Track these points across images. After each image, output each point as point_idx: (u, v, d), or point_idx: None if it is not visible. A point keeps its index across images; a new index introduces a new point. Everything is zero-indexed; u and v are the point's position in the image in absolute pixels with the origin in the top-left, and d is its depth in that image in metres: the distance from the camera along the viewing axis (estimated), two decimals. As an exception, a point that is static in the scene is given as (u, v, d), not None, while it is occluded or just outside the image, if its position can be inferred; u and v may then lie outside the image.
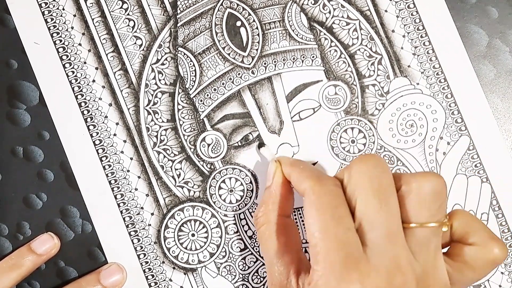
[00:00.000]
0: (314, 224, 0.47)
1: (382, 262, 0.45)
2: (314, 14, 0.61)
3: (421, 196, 0.47)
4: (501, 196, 0.60)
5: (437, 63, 0.60)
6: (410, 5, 0.60)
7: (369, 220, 0.46)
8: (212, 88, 0.60)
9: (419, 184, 0.47)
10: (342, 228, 0.46)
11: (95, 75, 0.61)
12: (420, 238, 0.47)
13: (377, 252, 0.46)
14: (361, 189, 0.47)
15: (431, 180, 0.47)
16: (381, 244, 0.46)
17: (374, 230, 0.46)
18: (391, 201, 0.46)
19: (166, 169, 0.61)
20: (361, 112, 0.60)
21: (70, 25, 0.61)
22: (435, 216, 0.47)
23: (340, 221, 0.46)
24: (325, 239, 0.46)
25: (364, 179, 0.47)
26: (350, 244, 0.46)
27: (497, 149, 0.60)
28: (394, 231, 0.46)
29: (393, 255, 0.45)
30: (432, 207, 0.47)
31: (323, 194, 0.48)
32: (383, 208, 0.46)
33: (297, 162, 0.54)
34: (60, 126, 0.60)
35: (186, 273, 0.61)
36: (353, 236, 0.46)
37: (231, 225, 0.60)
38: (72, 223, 0.61)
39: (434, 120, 0.60)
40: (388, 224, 0.46)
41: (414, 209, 0.47)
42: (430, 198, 0.47)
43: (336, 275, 0.45)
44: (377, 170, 0.47)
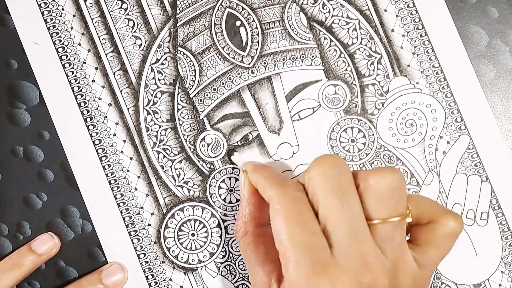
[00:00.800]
0: (281, 232, 0.47)
1: (350, 262, 0.45)
2: (313, 14, 0.61)
3: (379, 193, 0.47)
4: (501, 195, 0.60)
5: (437, 62, 0.60)
6: (410, 5, 0.60)
7: (332, 221, 0.47)
8: (212, 87, 0.60)
9: (376, 181, 0.47)
10: (307, 233, 0.46)
11: (94, 75, 0.61)
12: (385, 234, 0.47)
13: (343, 252, 0.46)
14: (321, 190, 0.47)
15: (387, 176, 0.47)
16: (346, 243, 0.46)
17: (338, 230, 0.46)
18: (351, 200, 0.47)
19: (166, 169, 0.61)
20: (361, 112, 0.60)
21: (70, 25, 0.61)
22: (396, 211, 0.47)
23: (304, 227, 0.47)
24: (292, 247, 0.46)
25: (322, 180, 0.47)
26: (317, 249, 0.46)
27: (497, 148, 0.60)
28: (357, 229, 0.46)
29: (359, 253, 0.46)
30: (390, 202, 0.47)
31: (286, 202, 0.48)
32: (344, 207, 0.46)
33: (261, 169, 0.55)
34: (60, 126, 0.60)
35: (186, 273, 0.61)
36: (319, 239, 0.46)
37: (231, 225, 0.60)
38: (72, 223, 0.61)
39: (433, 119, 0.60)
40: (351, 222, 0.46)
41: (374, 206, 0.47)
42: (388, 194, 0.47)
43: (305, 282, 0.45)
44: (335, 169, 0.48)
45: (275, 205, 0.49)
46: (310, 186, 0.48)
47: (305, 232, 0.46)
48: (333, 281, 0.45)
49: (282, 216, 0.48)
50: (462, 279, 0.60)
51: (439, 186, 0.60)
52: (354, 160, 0.60)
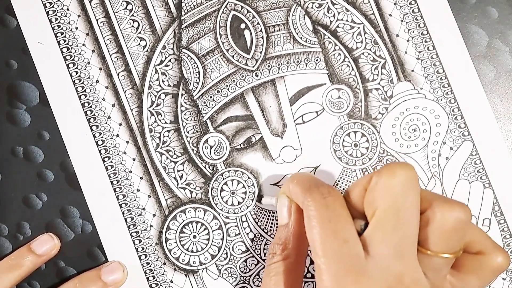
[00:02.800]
0: (313, 240, 0.47)
1: (385, 276, 0.45)
2: (318, 18, 0.61)
3: (443, 229, 0.46)
4: (503, 202, 0.60)
5: (441, 68, 0.60)
6: (415, 10, 0.60)
7: (381, 234, 0.46)
8: (216, 90, 0.60)
9: (444, 215, 0.46)
10: (339, 242, 0.46)
11: (98, 76, 0.61)
12: (433, 265, 0.47)
13: (381, 265, 0.45)
14: (383, 202, 0.46)
15: (457, 213, 0.46)
16: (386, 258, 0.45)
17: (384, 244, 0.45)
18: (410, 223, 0.45)
19: (168, 171, 0.60)
20: (364, 116, 0.60)
21: (75, 25, 0.61)
22: (453, 249, 0.47)
23: (335, 234, 0.46)
24: (324, 255, 0.46)
25: (388, 193, 0.46)
26: (350, 257, 0.45)
27: (500, 155, 0.60)
28: (404, 249, 0.45)
29: (397, 271, 0.45)
30: (452, 241, 0.46)
31: (317, 208, 0.47)
32: (399, 228, 0.45)
33: (293, 176, 0.54)
34: (63, 126, 0.60)
35: (187, 275, 0.60)
36: (352, 247, 0.46)
37: (232, 227, 0.60)
38: (72, 223, 0.61)
39: (437, 125, 0.60)
40: (400, 242, 0.45)
41: (433, 238, 0.46)
42: (452, 232, 0.46)
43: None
44: (406, 186, 0.46)
45: (307, 210, 0.48)
46: (374, 192, 0.47)
47: (337, 240, 0.46)
48: None
49: (313, 223, 0.47)
50: (463, 285, 0.60)
51: (441, 192, 0.60)
52: (357, 165, 0.60)
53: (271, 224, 0.60)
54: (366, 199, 0.48)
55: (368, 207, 0.47)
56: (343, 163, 0.60)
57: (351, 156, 0.60)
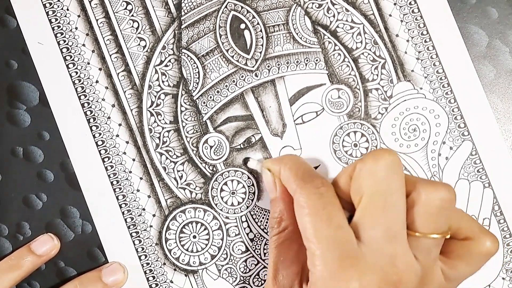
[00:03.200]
0: (306, 228, 0.47)
1: (379, 260, 0.45)
2: (318, 18, 0.61)
3: (429, 209, 0.46)
4: (503, 202, 0.60)
5: (441, 68, 0.60)
6: (415, 10, 0.60)
7: (370, 218, 0.46)
8: (215, 90, 0.60)
9: (429, 196, 0.46)
10: (333, 228, 0.46)
11: (98, 76, 0.61)
12: (422, 246, 0.47)
13: (373, 249, 0.46)
14: (368, 188, 0.47)
15: (441, 192, 0.46)
16: (378, 242, 0.46)
17: (374, 228, 0.46)
18: (397, 205, 0.46)
19: (168, 171, 0.60)
20: (364, 116, 0.60)
21: (74, 25, 0.61)
22: (440, 229, 0.47)
23: (329, 221, 0.47)
24: (317, 242, 0.46)
25: (373, 178, 0.47)
26: (343, 243, 0.46)
27: (499, 155, 0.60)
28: (394, 232, 0.46)
29: (389, 254, 0.46)
30: (438, 220, 0.47)
31: (309, 196, 0.48)
32: (387, 210, 0.46)
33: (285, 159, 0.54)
34: (63, 126, 0.60)
35: (187, 275, 0.61)
36: (345, 233, 0.46)
37: (232, 228, 0.60)
38: (72, 223, 0.61)
39: (437, 125, 0.60)
40: (389, 225, 0.46)
41: (420, 219, 0.47)
42: (438, 212, 0.46)
43: (333, 275, 0.45)
44: (390, 170, 0.46)
45: (298, 199, 0.49)
46: (358, 179, 0.47)
47: (331, 227, 0.46)
48: (360, 275, 0.45)
49: (305, 211, 0.48)
50: (464, 285, 0.60)
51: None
52: (357, 165, 0.60)
53: (271, 224, 0.60)
54: (352, 187, 0.48)
55: (355, 194, 0.48)
56: (343, 163, 0.60)
57: (351, 156, 0.60)
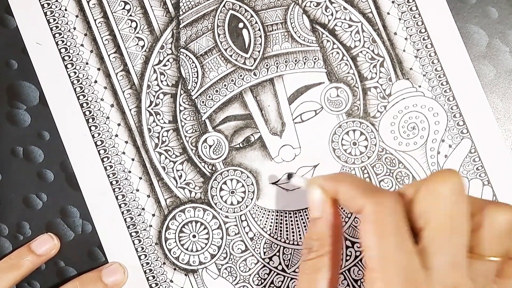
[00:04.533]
0: (373, 248, 0.44)
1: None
2: (316, 16, 0.61)
3: (493, 233, 0.45)
4: (502, 199, 0.60)
5: (439, 66, 0.60)
6: (413, 8, 0.60)
7: (437, 245, 0.44)
8: (214, 89, 0.60)
9: (494, 219, 0.44)
10: (403, 253, 0.43)
11: (97, 76, 0.61)
12: (481, 269, 0.45)
13: (439, 278, 0.43)
14: (436, 212, 0.44)
15: (506, 216, 0.45)
16: (445, 271, 0.43)
17: (440, 256, 0.43)
18: (463, 229, 0.44)
19: (167, 170, 0.61)
20: (363, 114, 0.60)
21: (73, 25, 0.61)
22: (502, 252, 0.45)
23: (401, 246, 0.44)
24: (385, 265, 0.43)
25: (441, 202, 0.44)
26: (412, 270, 0.43)
27: (498, 152, 0.60)
28: (460, 259, 0.44)
29: (454, 284, 0.43)
30: (503, 243, 0.45)
31: (384, 215, 0.44)
32: (454, 236, 0.44)
33: (341, 176, 0.51)
34: (62, 126, 0.60)
35: (187, 274, 0.61)
36: (414, 260, 0.44)
37: (232, 227, 0.60)
38: (72, 223, 0.61)
39: (435, 122, 0.60)
40: (456, 251, 0.44)
41: (484, 243, 0.45)
42: (502, 236, 0.45)
43: None
44: (457, 193, 0.44)
45: (370, 215, 0.45)
46: (424, 202, 0.45)
47: (401, 252, 0.43)
48: None
49: (376, 229, 0.44)
50: None
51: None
52: (356, 163, 0.60)
53: (270, 223, 0.60)
54: (416, 209, 0.45)
55: (419, 217, 0.45)
56: (342, 161, 0.60)
57: (350, 155, 0.60)
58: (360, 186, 0.47)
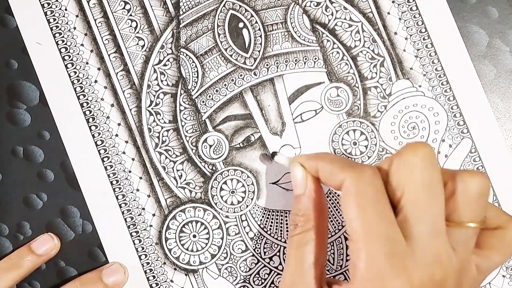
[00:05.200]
0: (356, 219, 0.45)
1: (426, 258, 0.45)
2: (316, 16, 0.61)
3: (467, 197, 0.46)
4: (502, 199, 0.60)
5: (439, 66, 0.60)
6: (413, 8, 0.60)
7: (416, 214, 0.45)
8: (214, 89, 0.60)
9: (466, 184, 0.46)
10: (385, 223, 0.45)
11: (97, 76, 0.61)
12: (460, 236, 0.46)
13: (421, 247, 0.45)
14: (411, 181, 0.45)
15: (478, 181, 0.46)
16: (426, 239, 0.45)
17: (420, 224, 0.45)
18: (438, 197, 0.45)
19: (167, 170, 0.61)
20: (363, 114, 0.60)
21: (73, 25, 0.61)
22: (477, 217, 0.46)
23: (383, 216, 0.45)
24: (368, 236, 0.45)
25: (414, 171, 0.45)
26: (394, 240, 0.45)
27: (499, 152, 0.60)
28: (439, 227, 0.45)
29: (436, 251, 0.45)
30: (476, 208, 0.46)
31: (364, 187, 0.46)
32: (431, 203, 0.45)
33: (321, 154, 0.53)
34: (62, 126, 0.60)
35: (187, 274, 0.61)
36: (396, 230, 0.45)
37: (232, 227, 0.60)
38: (73, 223, 0.61)
39: (436, 122, 0.60)
40: (435, 220, 0.45)
41: (459, 208, 0.46)
42: (475, 200, 0.46)
43: (381, 273, 0.44)
44: (429, 162, 0.46)
45: (350, 188, 0.46)
46: (398, 173, 0.46)
47: (383, 222, 0.45)
48: (410, 275, 0.44)
49: (358, 201, 0.46)
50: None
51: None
52: (356, 163, 0.60)
53: (270, 223, 0.60)
54: (392, 182, 0.47)
55: (396, 189, 0.46)
56: (342, 161, 0.60)
57: (350, 154, 0.60)
58: (339, 162, 0.49)
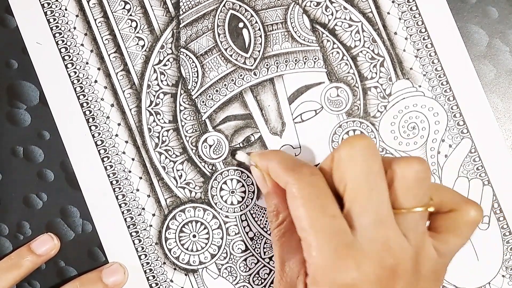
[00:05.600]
0: (300, 218, 0.47)
1: (374, 246, 0.46)
2: (316, 16, 0.61)
3: (406, 183, 0.47)
4: (502, 199, 0.60)
5: (439, 66, 0.60)
6: (413, 7, 0.60)
7: (359, 205, 0.46)
8: (214, 89, 0.60)
9: (403, 169, 0.47)
10: (328, 217, 0.46)
11: (97, 76, 0.61)
12: (409, 223, 0.47)
13: (368, 236, 0.46)
14: (351, 173, 0.47)
15: (414, 166, 0.47)
16: (371, 228, 0.46)
17: (364, 215, 0.46)
18: (380, 186, 0.46)
19: (167, 170, 0.61)
20: (363, 114, 0.60)
21: (73, 25, 0.61)
22: (421, 201, 0.47)
23: (323, 211, 0.46)
24: (313, 231, 0.46)
25: (353, 163, 0.47)
26: (338, 232, 0.46)
27: (499, 152, 0.60)
28: (384, 215, 0.46)
29: (383, 239, 0.46)
30: (417, 192, 0.47)
31: (302, 187, 0.48)
32: (373, 193, 0.46)
33: (271, 154, 0.54)
34: (62, 126, 0.60)
35: (187, 274, 0.61)
36: (340, 222, 0.46)
37: (232, 227, 0.60)
38: (72, 223, 0.61)
39: (436, 122, 0.60)
40: (379, 209, 0.46)
41: (400, 195, 0.47)
42: (415, 185, 0.47)
43: (330, 265, 0.45)
44: (367, 153, 0.47)
45: (291, 190, 0.48)
46: (339, 168, 0.48)
47: (325, 216, 0.46)
48: (358, 264, 0.45)
49: (299, 201, 0.47)
50: (463, 283, 0.60)
51: (440, 189, 0.60)
52: (356, 163, 0.60)
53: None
54: (334, 177, 0.48)
55: (338, 183, 0.48)
56: (342, 161, 0.60)
57: (350, 155, 0.60)
58: (284, 163, 0.51)
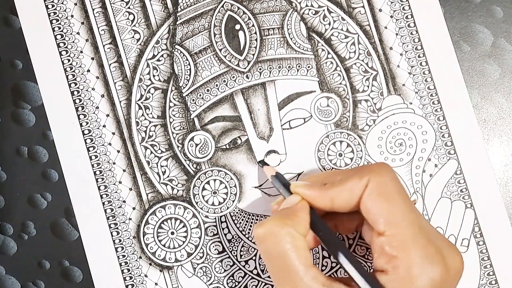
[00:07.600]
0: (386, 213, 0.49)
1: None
2: (313, 24, 0.61)
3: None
4: (484, 223, 0.59)
5: (432, 84, 0.60)
6: (411, 24, 0.60)
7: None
8: (205, 88, 0.60)
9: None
10: (416, 213, 0.50)
11: (90, 65, 0.61)
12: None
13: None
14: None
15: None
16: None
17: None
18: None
19: (151, 165, 0.61)
20: (351, 126, 0.60)
21: (70, 13, 0.61)
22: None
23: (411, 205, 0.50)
24: (408, 226, 0.48)
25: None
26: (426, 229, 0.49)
27: (484, 176, 0.59)
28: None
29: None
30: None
31: (386, 183, 0.50)
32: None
33: (313, 186, 0.53)
34: (52, 112, 0.61)
35: (162, 271, 0.61)
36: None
37: (211, 227, 0.60)
38: (77, 222, 0.61)
39: (423, 141, 0.60)
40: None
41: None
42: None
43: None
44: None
45: (372, 186, 0.49)
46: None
47: (415, 211, 0.50)
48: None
49: (384, 197, 0.49)
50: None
51: (422, 208, 0.59)
52: (340, 174, 0.60)
53: (249, 226, 0.60)
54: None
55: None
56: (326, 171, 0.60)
57: (335, 165, 0.60)
58: (328, 188, 0.51)
